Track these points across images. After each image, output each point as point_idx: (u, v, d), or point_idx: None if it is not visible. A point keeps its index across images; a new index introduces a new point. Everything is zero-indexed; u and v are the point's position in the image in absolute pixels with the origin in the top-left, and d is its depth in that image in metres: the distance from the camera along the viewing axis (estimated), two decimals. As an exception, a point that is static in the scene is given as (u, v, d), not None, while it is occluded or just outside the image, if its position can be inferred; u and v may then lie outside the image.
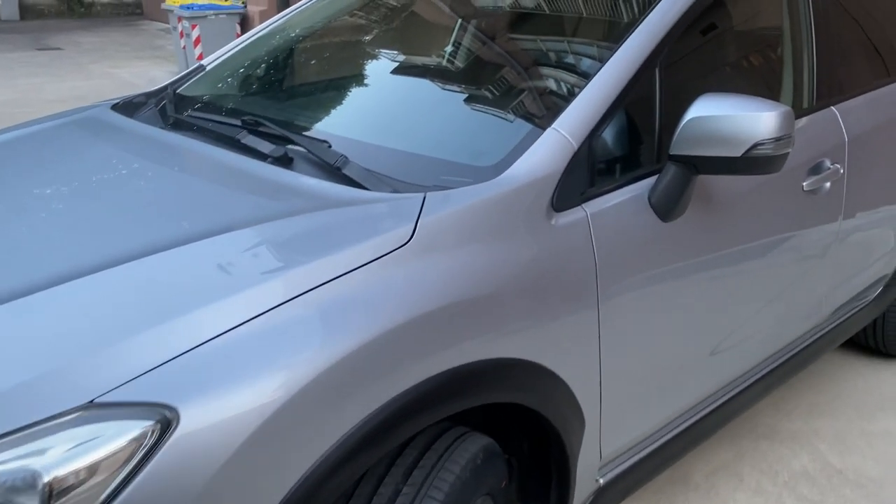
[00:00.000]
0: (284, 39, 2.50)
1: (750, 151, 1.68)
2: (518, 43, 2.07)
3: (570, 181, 1.62)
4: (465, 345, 1.38)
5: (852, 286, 2.70)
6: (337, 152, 1.67)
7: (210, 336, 1.16)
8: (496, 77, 1.96)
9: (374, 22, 2.44)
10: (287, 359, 1.17)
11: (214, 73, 2.52)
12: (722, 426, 2.30)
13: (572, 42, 1.97)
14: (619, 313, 1.70)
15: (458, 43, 2.17)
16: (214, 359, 1.14)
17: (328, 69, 2.36)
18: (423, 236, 1.38)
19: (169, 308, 1.20)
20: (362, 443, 1.22)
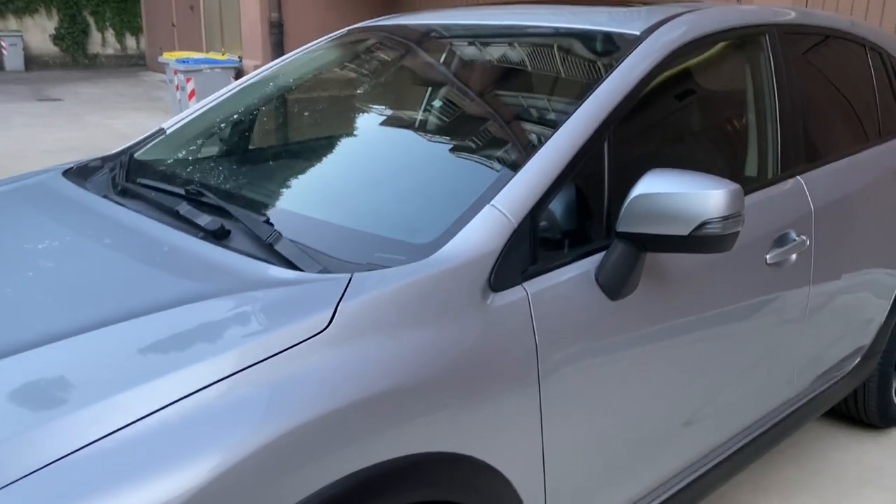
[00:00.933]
0: (242, 105, 2.47)
1: (698, 230, 1.62)
2: (462, 117, 2.03)
3: (510, 259, 1.56)
4: (386, 439, 1.30)
5: (828, 357, 2.62)
6: (271, 227, 1.62)
7: (88, 441, 1.08)
8: (438, 152, 1.91)
9: (325, 93, 2.42)
10: (174, 462, 1.09)
11: (173, 138, 2.48)
12: (705, 496, 2.20)
13: (518, 115, 1.93)
14: (564, 397, 1.62)
15: (400, 117, 2.14)
16: (93, 464, 1.06)
17: (278, 138, 2.33)
18: (343, 323, 1.31)
19: (47, 409, 1.13)
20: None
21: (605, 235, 1.76)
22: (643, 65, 1.91)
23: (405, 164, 1.90)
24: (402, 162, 1.91)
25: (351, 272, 1.44)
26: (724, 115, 2.25)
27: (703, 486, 2.18)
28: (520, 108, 1.94)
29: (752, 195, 2.16)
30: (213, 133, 2.42)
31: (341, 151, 2.04)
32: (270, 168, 2.12)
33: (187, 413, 1.14)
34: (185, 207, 1.78)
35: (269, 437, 1.16)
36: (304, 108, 2.40)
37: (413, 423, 1.34)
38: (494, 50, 2.22)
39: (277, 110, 2.43)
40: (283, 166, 2.13)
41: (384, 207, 1.73)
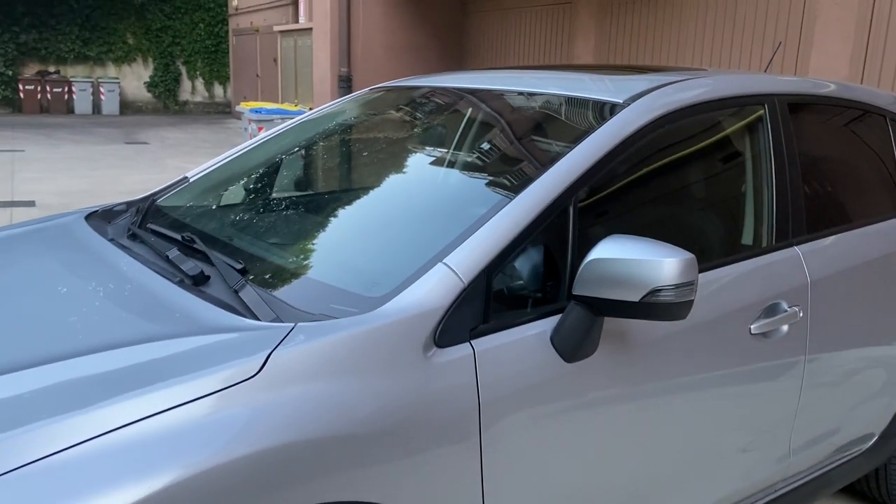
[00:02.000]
0: (254, 159, 2.62)
1: (648, 297, 1.63)
2: (431, 176, 2.11)
3: (458, 317, 1.60)
4: (309, 485, 1.35)
5: (836, 435, 2.52)
6: (239, 276, 1.72)
7: (21, 463, 1.18)
8: (406, 208, 1.99)
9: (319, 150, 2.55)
10: (96, 493, 1.17)
11: (194, 186, 2.65)
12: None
13: (488, 176, 1.99)
14: (508, 459, 1.64)
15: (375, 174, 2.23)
16: (19, 485, 1.15)
17: (272, 192, 2.45)
18: (273, 370, 1.38)
19: None
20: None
21: (565, 297, 1.78)
22: (621, 132, 1.95)
23: (374, 220, 1.98)
24: (371, 218, 2.00)
25: (299, 321, 1.52)
26: (711, 184, 2.25)
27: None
28: (491, 169, 2.01)
29: (740, 264, 2.14)
30: (227, 184, 2.57)
31: (318, 206, 2.14)
32: (259, 219, 2.24)
33: (110, 445, 1.22)
34: (174, 253, 1.90)
35: (187, 475, 1.23)
36: (299, 163, 2.53)
37: (340, 470, 1.39)
38: (476, 110, 2.30)
39: (278, 166, 2.57)
40: (269, 218, 2.24)
41: (348, 261, 1.82)
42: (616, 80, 2.26)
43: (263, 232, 2.10)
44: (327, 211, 2.12)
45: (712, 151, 2.27)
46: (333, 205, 2.14)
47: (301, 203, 2.27)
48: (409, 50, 10.63)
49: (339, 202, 2.15)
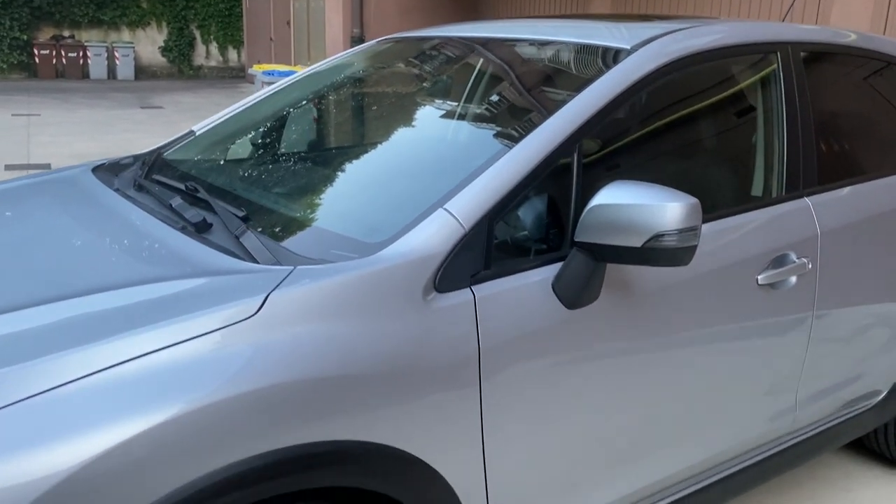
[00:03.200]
0: (260, 113, 2.61)
1: (651, 242, 1.62)
2: (434, 123, 2.09)
3: (459, 262, 1.60)
4: (308, 423, 1.36)
5: (844, 389, 2.51)
6: (241, 223, 1.72)
7: (28, 395, 1.20)
8: (407, 156, 1.97)
9: (321, 103, 2.53)
10: (103, 422, 1.19)
11: (200, 139, 2.64)
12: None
13: (491, 123, 1.96)
14: (509, 403, 1.64)
15: (377, 123, 2.22)
16: (27, 416, 1.17)
17: (274, 144, 2.44)
18: (272, 310, 1.39)
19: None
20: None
21: (568, 245, 1.77)
22: (627, 78, 1.92)
23: (376, 170, 1.97)
24: (373, 167, 1.99)
25: (299, 265, 1.52)
26: (720, 133, 2.21)
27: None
28: (495, 118, 1.98)
29: (748, 214, 2.11)
30: (233, 137, 2.56)
31: (322, 157, 2.13)
32: (262, 169, 2.23)
33: (113, 379, 1.24)
34: (177, 202, 1.90)
35: (188, 409, 1.24)
36: (304, 116, 2.51)
37: (339, 410, 1.40)
38: (480, 59, 2.27)
39: (283, 119, 2.55)
40: (272, 168, 2.24)
41: (350, 209, 1.81)
42: (625, 28, 2.22)
43: (266, 182, 2.09)
44: (330, 161, 2.11)
45: (722, 100, 2.23)
46: (337, 155, 2.13)
47: (305, 154, 2.26)
48: (422, 10, 10.51)
49: (343, 153, 2.14)
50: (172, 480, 1.23)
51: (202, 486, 1.24)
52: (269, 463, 1.30)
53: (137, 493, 1.20)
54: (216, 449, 1.26)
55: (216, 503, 1.26)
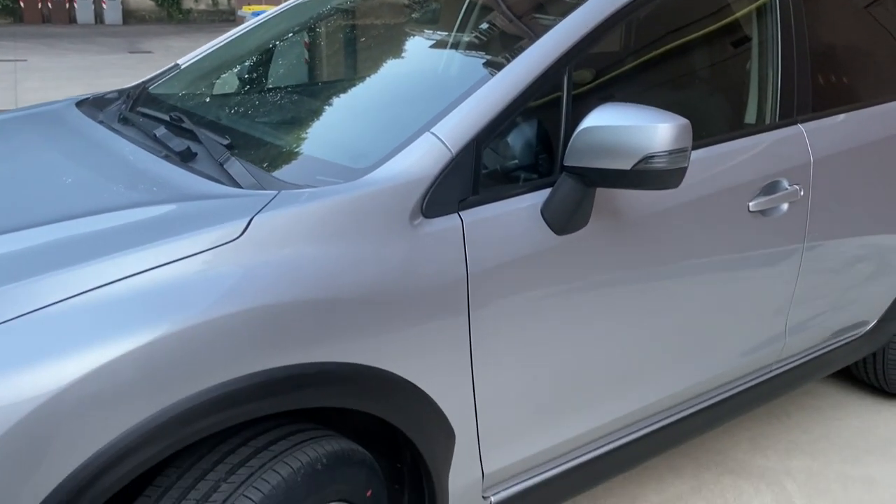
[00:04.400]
0: (245, 45, 2.56)
1: (640, 165, 1.60)
2: (420, 47, 2.05)
3: (446, 187, 1.58)
4: (293, 346, 1.36)
5: (834, 318, 2.52)
6: (225, 150, 1.69)
7: (12, 316, 1.19)
8: (393, 82, 1.94)
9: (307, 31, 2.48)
10: (85, 342, 1.19)
11: (186, 72, 2.60)
12: (654, 455, 2.19)
13: (478, 46, 1.92)
14: (498, 326, 1.64)
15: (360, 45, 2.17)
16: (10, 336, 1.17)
17: (259, 74, 2.40)
18: (256, 233, 1.37)
19: None
20: (158, 432, 1.22)
21: (558, 171, 1.75)
22: (616, 1, 1.87)
23: (364, 96, 1.94)
24: (360, 94, 1.95)
25: (283, 189, 1.50)
26: (713, 57, 2.17)
27: (672, 437, 2.17)
28: (483, 42, 1.94)
29: (740, 140, 2.09)
30: (218, 69, 2.52)
31: (308, 86, 2.09)
32: (247, 100, 2.20)
33: (96, 300, 1.24)
34: (161, 131, 1.88)
35: (173, 329, 1.24)
36: (290, 46, 2.46)
37: (326, 333, 1.40)
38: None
39: (268, 50, 2.50)
40: (257, 99, 2.20)
41: (337, 136, 1.78)
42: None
43: (252, 113, 2.06)
44: (317, 91, 2.08)
45: (715, 24, 2.18)
46: (324, 85, 2.09)
47: (291, 85, 2.22)
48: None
49: (330, 80, 2.11)
50: (157, 401, 1.23)
51: (187, 406, 1.24)
52: (255, 384, 1.30)
53: (124, 413, 1.21)
54: (202, 369, 1.26)
55: (203, 423, 1.27)
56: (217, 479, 1.36)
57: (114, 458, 1.20)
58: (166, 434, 1.25)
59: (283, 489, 1.39)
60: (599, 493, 2.49)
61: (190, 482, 1.36)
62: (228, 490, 1.35)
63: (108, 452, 1.18)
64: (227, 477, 1.37)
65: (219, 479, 1.36)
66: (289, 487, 1.40)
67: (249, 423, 1.47)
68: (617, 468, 2.08)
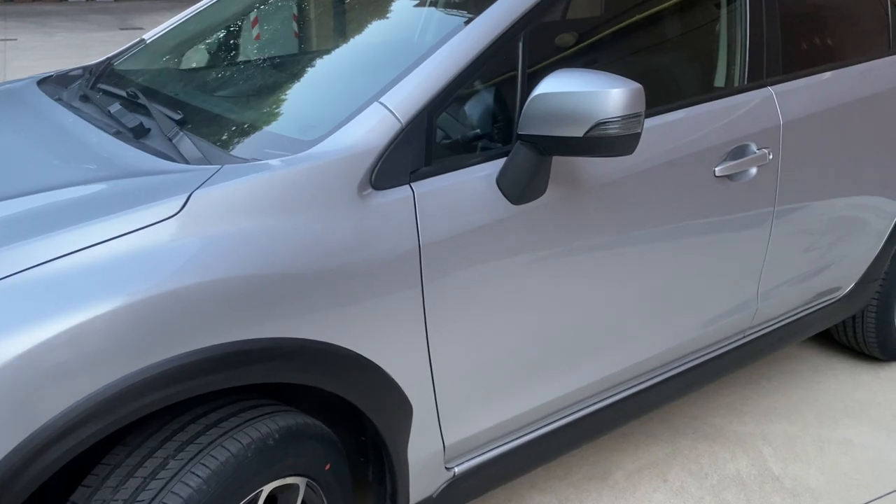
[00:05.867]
0: (213, 17, 2.52)
1: (593, 131, 1.57)
2: (375, 12, 2.01)
3: (396, 158, 1.56)
4: (237, 322, 1.35)
5: (807, 283, 2.50)
6: (175, 125, 1.67)
7: None
8: (347, 49, 1.90)
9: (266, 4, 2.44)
10: (21, 321, 1.18)
11: (151, 47, 2.57)
12: (623, 423, 2.19)
13: (428, 11, 1.89)
14: (454, 297, 1.63)
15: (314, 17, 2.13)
16: None
17: (222, 47, 2.36)
18: (196, 208, 1.35)
19: None
20: (101, 409, 1.22)
21: (515, 139, 1.72)
22: (576, -37, 1.83)
23: (314, 66, 1.91)
24: (311, 64, 1.92)
25: (227, 164, 1.48)
26: (680, 18, 2.13)
27: (640, 404, 2.16)
28: (434, 7, 1.90)
29: (706, 104, 2.06)
30: (182, 44, 2.48)
31: (264, 60, 2.06)
32: (204, 75, 2.16)
33: (31, 281, 1.22)
34: (115, 107, 1.85)
35: (108, 309, 1.23)
36: (244, 21, 2.43)
37: (272, 308, 1.39)
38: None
39: (225, 24, 2.46)
40: (214, 73, 2.17)
41: (288, 109, 1.76)
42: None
43: (207, 87, 2.03)
44: (272, 62, 2.04)
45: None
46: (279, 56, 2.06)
47: (249, 57, 2.19)
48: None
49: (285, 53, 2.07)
50: (98, 379, 1.22)
51: (129, 383, 1.24)
52: (198, 360, 1.30)
53: (65, 390, 1.20)
54: (143, 347, 1.25)
55: (145, 400, 1.26)
56: (165, 457, 1.36)
57: (58, 434, 1.19)
58: (110, 411, 1.24)
59: (233, 465, 1.39)
60: (574, 460, 2.50)
61: (138, 460, 1.35)
62: (176, 467, 1.35)
63: (51, 428, 1.18)
64: (176, 454, 1.36)
65: (167, 457, 1.36)
66: (239, 463, 1.40)
67: (203, 398, 1.47)
68: (586, 436, 2.09)
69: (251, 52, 2.22)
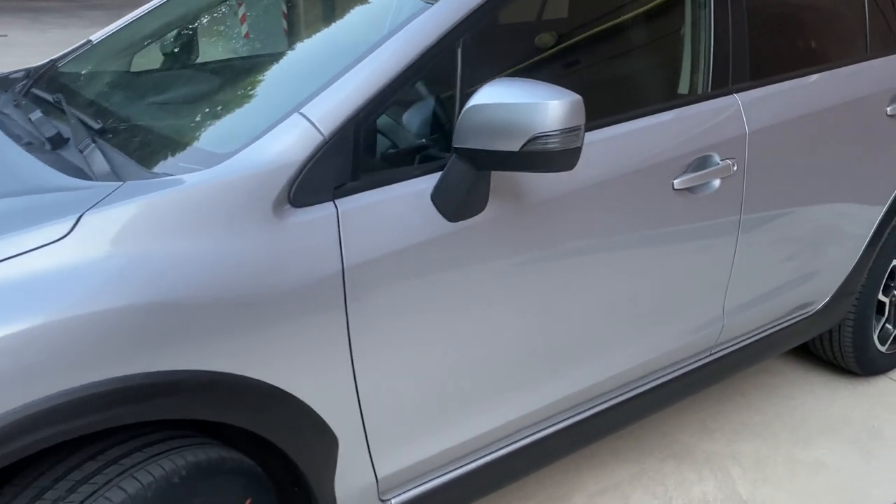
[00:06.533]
0: (156, 21, 2.42)
1: (530, 145, 1.47)
2: (305, 20, 1.90)
3: (318, 173, 1.45)
4: (132, 353, 1.25)
5: (775, 301, 2.39)
6: (86, 137, 1.57)
7: None
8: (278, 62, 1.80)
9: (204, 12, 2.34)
10: None
11: (96, 49, 2.47)
12: (581, 447, 2.08)
13: (359, 17, 1.78)
14: (383, 322, 1.53)
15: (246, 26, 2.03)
16: None
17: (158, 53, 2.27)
18: (85, 231, 1.25)
19: None
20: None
21: (453, 152, 1.62)
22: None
23: (244, 74, 1.81)
24: (242, 71, 1.82)
25: (131, 180, 1.38)
26: (639, 24, 2.02)
27: (599, 427, 2.06)
28: (366, 13, 1.80)
29: (666, 113, 1.95)
30: (125, 47, 2.39)
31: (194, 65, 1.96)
32: (138, 80, 2.07)
33: None
34: (36, 115, 1.76)
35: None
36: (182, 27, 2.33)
37: (170, 338, 1.28)
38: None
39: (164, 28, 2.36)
40: (147, 79, 2.07)
41: (210, 117, 1.66)
42: None
43: (138, 94, 1.94)
44: (203, 70, 1.94)
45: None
46: (210, 64, 1.96)
47: (180, 66, 2.09)
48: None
49: (216, 61, 1.97)
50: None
51: (6, 422, 1.14)
52: (81, 398, 1.19)
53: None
54: (19, 384, 1.15)
55: (25, 440, 1.16)
56: (55, 499, 1.26)
57: None
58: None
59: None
60: (533, 481, 2.40)
61: (25, 502, 1.26)
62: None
63: None
64: (68, 495, 1.26)
65: (57, 499, 1.26)
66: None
67: (104, 434, 1.37)
68: (539, 462, 1.99)
69: (183, 59, 2.12)
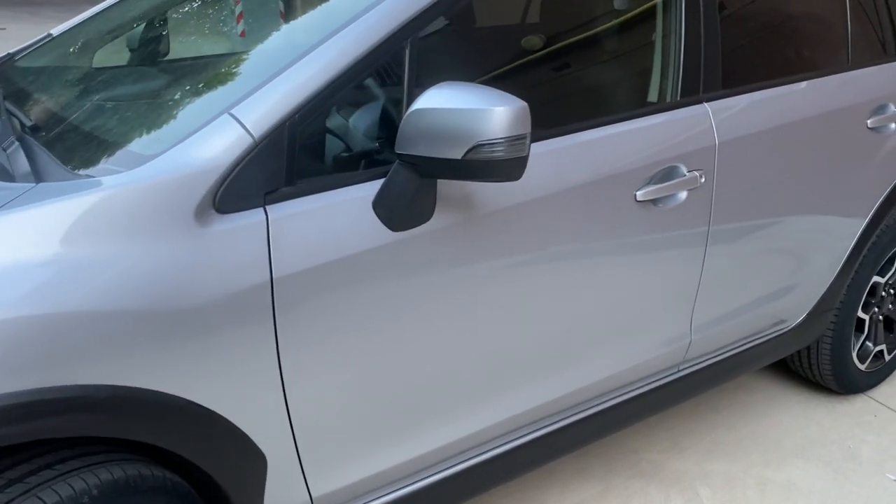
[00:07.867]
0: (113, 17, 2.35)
1: (472, 153, 1.39)
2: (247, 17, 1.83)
3: (246, 178, 1.38)
4: (30, 368, 1.17)
5: (752, 313, 2.32)
6: (11, 135, 1.50)
7: None
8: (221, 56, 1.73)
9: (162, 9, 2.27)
10: None
11: (55, 43, 2.40)
12: (543, 463, 2.01)
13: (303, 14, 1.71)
14: (315, 336, 1.45)
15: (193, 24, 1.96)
16: None
17: (111, 49, 2.19)
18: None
19: None
20: None
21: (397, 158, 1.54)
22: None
23: (186, 73, 1.73)
24: (185, 70, 1.75)
25: (47, 181, 1.31)
26: (606, 27, 1.95)
27: (553, 448, 1.99)
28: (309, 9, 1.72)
29: (631, 122, 1.87)
30: (86, 42, 2.31)
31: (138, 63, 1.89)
32: (88, 77, 1.99)
33: None
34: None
35: None
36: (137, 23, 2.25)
37: (81, 352, 1.21)
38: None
39: (118, 25, 2.29)
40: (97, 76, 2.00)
41: (144, 117, 1.58)
42: None
43: (86, 91, 1.86)
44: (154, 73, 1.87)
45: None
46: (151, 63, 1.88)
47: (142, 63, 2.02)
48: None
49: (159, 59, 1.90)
50: None
51: None
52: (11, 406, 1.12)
53: None
54: None
55: None
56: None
57: None
58: None
59: (33, 528, 1.22)
60: (494, 498, 2.32)
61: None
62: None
63: None
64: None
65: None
66: (41, 526, 1.22)
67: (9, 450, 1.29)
68: (492, 481, 1.91)
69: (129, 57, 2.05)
